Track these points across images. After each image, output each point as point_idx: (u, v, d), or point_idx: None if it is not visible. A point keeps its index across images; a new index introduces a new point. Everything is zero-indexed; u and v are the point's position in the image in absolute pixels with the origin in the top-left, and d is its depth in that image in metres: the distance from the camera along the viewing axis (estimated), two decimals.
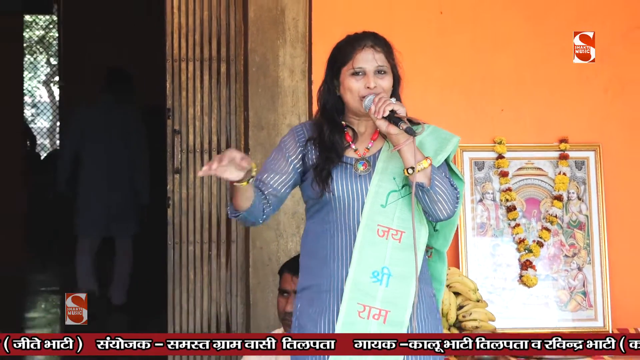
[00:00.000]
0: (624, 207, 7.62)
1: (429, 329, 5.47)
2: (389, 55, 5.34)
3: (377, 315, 5.34)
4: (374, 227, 5.33)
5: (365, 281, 5.33)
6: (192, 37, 7.62)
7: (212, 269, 7.67)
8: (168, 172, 7.74)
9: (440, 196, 5.19)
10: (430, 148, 5.34)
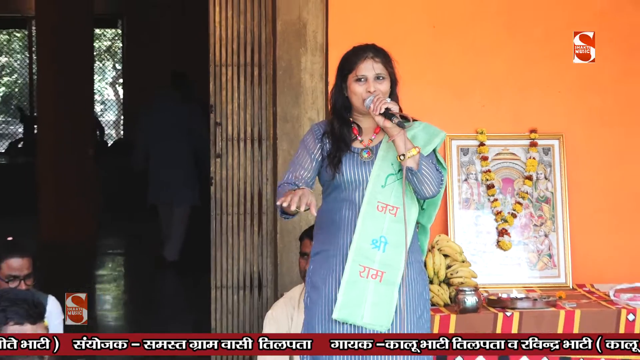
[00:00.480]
0: (582, 185, 7.60)
1: (417, 288, 5.56)
2: (386, 64, 5.44)
3: (374, 275, 5.43)
4: (374, 203, 5.43)
5: (366, 247, 5.43)
6: (231, 47, 7.66)
7: (247, 236, 7.71)
8: (211, 156, 7.79)
9: (426, 178, 5.31)
10: (421, 140, 5.43)
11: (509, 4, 7.64)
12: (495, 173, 7.54)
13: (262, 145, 7.72)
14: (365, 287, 5.46)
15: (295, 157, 5.69)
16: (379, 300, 5.46)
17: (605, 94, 7.73)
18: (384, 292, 5.47)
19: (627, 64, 7.74)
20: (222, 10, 7.64)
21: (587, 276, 7.59)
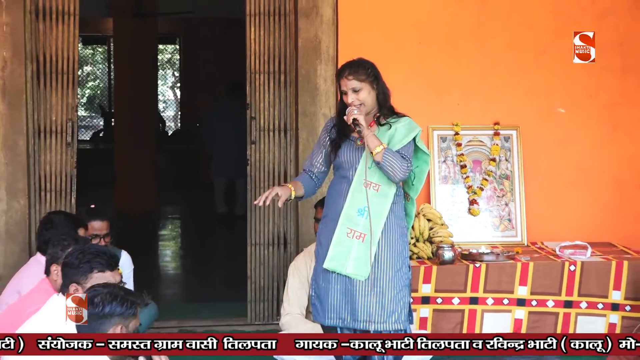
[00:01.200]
0: (534, 165, 7.63)
1: (397, 248, 5.53)
2: (359, 77, 5.42)
3: (358, 236, 5.44)
4: (361, 180, 5.44)
5: (353, 214, 5.46)
6: (263, 58, 7.60)
7: (274, 204, 7.49)
8: (248, 143, 7.74)
9: (389, 169, 5.33)
10: (401, 134, 5.45)
11: (479, 25, 7.60)
12: (467, 156, 7.57)
13: (287, 135, 7.70)
14: (350, 245, 5.48)
15: (313, 149, 5.83)
16: (360, 256, 5.46)
17: (551, 95, 7.72)
18: (364, 250, 5.46)
19: (568, 70, 7.71)
20: (256, 30, 7.60)
21: (538, 236, 7.63)
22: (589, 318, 6.87)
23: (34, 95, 7.33)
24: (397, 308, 5.49)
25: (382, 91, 5.51)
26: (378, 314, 5.46)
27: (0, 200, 7.21)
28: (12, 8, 7.15)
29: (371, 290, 5.45)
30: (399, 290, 5.51)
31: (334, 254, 5.48)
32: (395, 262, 5.51)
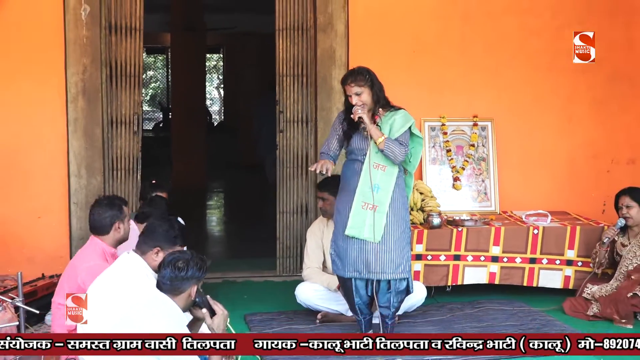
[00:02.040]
0: (505, 150, 7.62)
1: (401, 214, 5.57)
2: (359, 83, 5.47)
3: (371, 208, 5.48)
4: (372, 163, 5.48)
5: (366, 190, 5.49)
6: (289, 64, 7.59)
7: (298, 180, 7.67)
8: (277, 131, 7.72)
9: (390, 153, 5.42)
10: (399, 124, 5.49)
11: (461, 37, 7.62)
12: (452, 142, 7.59)
13: (308, 125, 7.67)
14: (365, 215, 5.51)
15: (329, 135, 5.81)
16: (373, 223, 5.49)
17: (520, 93, 7.71)
18: (377, 218, 5.49)
19: (533, 73, 7.70)
20: (284, 42, 7.59)
21: (508, 206, 7.63)
22: (549, 272, 6.85)
23: (108, 93, 7.34)
24: (402, 261, 5.57)
25: (377, 91, 5.54)
26: (388, 266, 5.54)
27: (81, 177, 7.23)
28: (90, 25, 7.14)
29: (382, 249, 5.51)
30: (402, 247, 5.57)
31: (352, 223, 5.54)
32: (400, 225, 5.57)
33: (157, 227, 4.83)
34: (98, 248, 5.24)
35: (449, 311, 6.54)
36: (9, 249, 7.11)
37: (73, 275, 5.17)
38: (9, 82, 7.13)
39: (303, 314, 6.40)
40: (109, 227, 5.25)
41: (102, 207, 5.30)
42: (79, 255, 5.34)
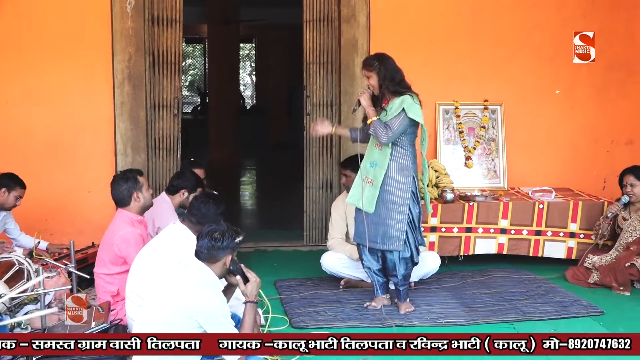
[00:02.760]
0: (513, 131, 7.52)
1: (400, 191, 5.44)
2: (370, 68, 5.50)
3: (370, 182, 5.49)
4: (374, 142, 5.53)
5: (367, 166, 5.53)
6: (315, 53, 7.52)
7: (323, 158, 7.63)
8: (304, 114, 7.69)
9: (373, 133, 5.43)
10: (393, 109, 5.39)
11: (473, 29, 7.59)
12: (464, 124, 7.52)
13: (332, 108, 7.63)
14: (364, 187, 5.52)
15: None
16: (368, 195, 5.49)
17: (527, 80, 7.66)
18: (372, 191, 5.48)
19: (539, 63, 7.63)
20: (311, 33, 7.54)
21: (516, 183, 7.57)
22: (553, 243, 6.80)
23: (151, 79, 7.33)
24: (396, 234, 5.50)
25: (383, 75, 5.47)
26: (380, 237, 5.53)
27: (127, 155, 7.23)
28: (135, 17, 7.11)
29: (376, 221, 5.51)
30: (397, 222, 5.49)
31: (352, 193, 5.64)
32: (397, 201, 5.48)
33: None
34: (126, 218, 5.26)
35: (461, 278, 6.50)
36: (62, 220, 7.15)
37: (109, 246, 5.21)
38: (61, 70, 7.11)
39: (327, 280, 6.38)
40: (128, 198, 5.25)
41: (118, 182, 5.30)
42: (111, 227, 5.36)
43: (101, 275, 5.25)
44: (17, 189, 6.24)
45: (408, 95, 5.40)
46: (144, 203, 5.30)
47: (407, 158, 5.46)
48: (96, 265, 5.36)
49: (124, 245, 5.06)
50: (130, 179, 5.27)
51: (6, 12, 6.99)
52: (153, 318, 3.98)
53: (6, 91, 7.07)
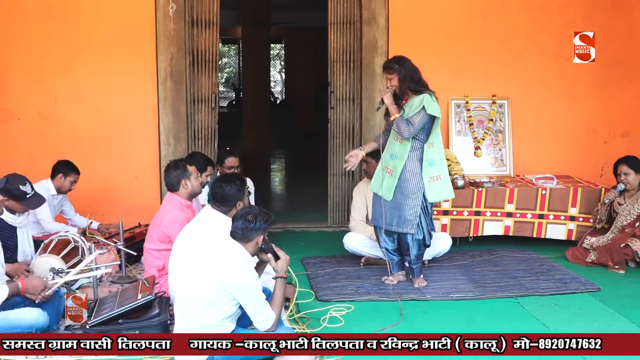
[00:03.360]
0: (519, 124, 7.45)
1: (416, 180, 5.43)
2: (391, 71, 5.45)
3: (389, 172, 5.49)
4: (394, 136, 5.50)
5: (387, 157, 5.51)
6: (340, 52, 7.49)
7: (345, 148, 7.51)
8: (329, 108, 7.64)
9: (396, 129, 5.38)
10: (414, 106, 5.37)
11: (482, 31, 7.51)
12: (474, 117, 7.47)
13: (354, 103, 7.60)
14: (384, 176, 5.53)
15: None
16: (387, 184, 5.50)
17: (531, 77, 7.59)
18: (391, 181, 5.48)
19: (544, 61, 7.57)
20: (335, 34, 7.52)
21: (521, 170, 7.52)
22: (555, 226, 6.76)
23: (191, 76, 7.35)
24: (410, 218, 5.50)
25: (403, 77, 5.44)
26: (395, 220, 5.53)
27: (169, 144, 7.27)
28: (176, 20, 7.14)
29: (393, 205, 5.52)
30: (411, 208, 5.48)
31: (374, 181, 5.65)
32: (412, 189, 5.47)
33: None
34: (175, 202, 5.32)
35: (470, 257, 6.49)
36: (112, 203, 7.22)
37: (158, 225, 5.28)
38: (111, 68, 7.17)
39: (349, 258, 6.40)
40: (177, 184, 5.32)
41: (170, 169, 5.38)
42: (162, 208, 5.43)
43: (150, 250, 5.32)
44: (72, 174, 6.34)
45: (427, 94, 5.40)
46: (191, 190, 5.37)
47: (420, 151, 5.46)
48: (146, 241, 5.43)
49: (172, 226, 5.12)
50: (180, 167, 5.35)
51: (59, 18, 7.05)
52: (193, 290, 4.02)
53: (56, 89, 7.13)
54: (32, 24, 7.02)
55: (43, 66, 7.08)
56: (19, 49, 7.04)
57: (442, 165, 5.51)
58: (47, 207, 6.11)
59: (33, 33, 7.03)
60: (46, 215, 6.11)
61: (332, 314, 4.96)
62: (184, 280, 4.22)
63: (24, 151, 7.02)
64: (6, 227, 5.12)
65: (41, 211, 6.00)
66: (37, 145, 7.08)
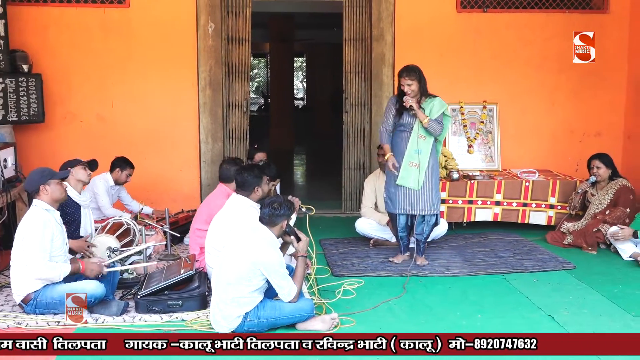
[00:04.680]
0: (506, 125, 7.34)
1: (434, 170, 5.44)
2: (413, 77, 5.33)
3: (415, 165, 5.38)
4: (417, 133, 5.37)
5: (412, 153, 5.37)
6: (352, 64, 7.43)
7: (359, 146, 7.53)
8: (343, 112, 7.59)
9: (431, 130, 5.29)
10: (437, 108, 5.33)
11: (475, 46, 7.41)
12: (467, 120, 7.37)
13: (365, 107, 7.55)
14: (410, 170, 5.41)
15: (385, 113, 5.58)
16: (415, 177, 5.40)
17: (517, 85, 7.50)
18: (418, 173, 5.39)
19: (529, 71, 7.48)
20: (349, 49, 7.46)
21: (507, 165, 7.44)
22: (537, 213, 6.68)
23: (226, 85, 7.33)
24: (436, 202, 5.51)
25: (422, 84, 5.39)
26: (426, 205, 5.48)
27: (208, 143, 7.26)
28: (214, 37, 7.12)
29: (422, 193, 5.44)
30: (435, 192, 5.49)
31: (402, 176, 5.45)
32: (434, 177, 5.47)
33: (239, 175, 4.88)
34: (224, 191, 5.34)
35: (463, 240, 6.44)
36: (160, 192, 7.23)
37: (207, 208, 5.28)
38: (158, 78, 7.18)
39: (360, 239, 6.36)
40: (232, 178, 5.31)
41: (228, 164, 5.44)
42: (212, 195, 5.47)
43: (196, 230, 5.30)
44: (127, 168, 6.35)
45: (439, 98, 5.43)
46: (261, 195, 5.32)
47: (435, 145, 5.48)
48: (194, 220, 5.41)
49: (217, 211, 5.10)
50: (237, 165, 5.40)
51: (115, 34, 7.05)
52: (228, 267, 4.02)
53: (113, 95, 7.14)
54: (91, 38, 7.02)
55: (101, 75, 7.09)
56: (80, 60, 7.05)
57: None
58: (106, 195, 6.18)
59: (92, 46, 7.03)
60: (105, 202, 6.15)
61: (346, 287, 4.94)
62: (220, 257, 4.21)
63: (86, 148, 7.03)
64: (72, 205, 5.15)
65: (101, 198, 6.10)
66: (97, 144, 7.10)
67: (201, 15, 7.08)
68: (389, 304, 4.61)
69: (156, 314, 4.25)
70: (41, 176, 4.37)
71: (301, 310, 4.00)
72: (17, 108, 6.49)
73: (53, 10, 6.95)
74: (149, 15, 7.05)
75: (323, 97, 17.12)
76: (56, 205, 4.43)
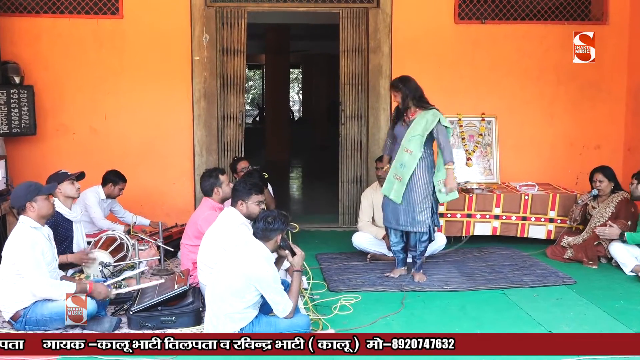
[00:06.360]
0: (504, 138, 7.35)
1: (424, 185, 5.35)
2: (395, 90, 5.38)
3: (399, 178, 5.38)
4: (404, 147, 5.35)
5: (398, 166, 5.38)
6: (349, 76, 7.44)
7: (355, 159, 7.52)
8: (340, 124, 7.58)
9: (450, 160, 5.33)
10: (430, 121, 5.30)
11: (473, 57, 7.44)
12: (465, 132, 7.37)
13: (362, 120, 7.56)
14: (394, 182, 5.43)
15: (387, 135, 5.72)
16: (397, 189, 5.41)
17: (516, 97, 7.53)
18: (400, 186, 5.39)
19: (526, 82, 7.50)
20: (345, 60, 7.48)
21: (506, 179, 7.43)
22: (536, 227, 6.69)
23: (221, 96, 7.34)
24: (422, 219, 5.42)
25: (405, 94, 5.36)
26: (408, 222, 5.44)
27: (202, 155, 7.26)
28: (209, 49, 7.14)
29: (405, 209, 5.43)
30: (422, 210, 5.41)
31: (385, 186, 5.51)
32: (421, 193, 5.38)
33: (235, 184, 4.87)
34: (209, 204, 5.32)
35: (462, 254, 6.42)
36: (153, 205, 7.21)
37: (194, 224, 5.26)
38: (152, 89, 7.18)
39: (357, 254, 6.35)
40: (210, 190, 5.31)
41: (204, 177, 5.39)
42: (197, 210, 5.44)
43: (186, 245, 5.29)
44: (120, 183, 6.34)
45: (435, 109, 5.36)
46: (223, 195, 5.34)
47: (430, 159, 5.39)
48: (183, 238, 5.40)
49: (205, 225, 5.07)
50: (213, 176, 5.34)
51: (108, 45, 7.07)
52: (221, 283, 4.00)
53: (106, 107, 7.15)
54: (84, 50, 7.04)
55: (94, 87, 7.10)
56: (72, 72, 7.06)
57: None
58: (98, 207, 6.18)
59: (85, 58, 7.05)
60: (98, 214, 6.14)
61: (342, 303, 4.91)
62: (214, 272, 4.19)
63: (78, 161, 7.02)
64: (64, 221, 5.13)
65: (93, 210, 6.11)
66: (90, 156, 7.09)
67: (196, 26, 7.10)
68: (387, 319, 4.58)
69: (149, 330, 4.22)
70: (27, 192, 4.31)
71: (297, 326, 3.97)
72: (8, 120, 6.49)
73: (45, 21, 6.96)
74: (143, 26, 7.07)
75: (320, 109, 17.16)
76: (43, 221, 4.37)
